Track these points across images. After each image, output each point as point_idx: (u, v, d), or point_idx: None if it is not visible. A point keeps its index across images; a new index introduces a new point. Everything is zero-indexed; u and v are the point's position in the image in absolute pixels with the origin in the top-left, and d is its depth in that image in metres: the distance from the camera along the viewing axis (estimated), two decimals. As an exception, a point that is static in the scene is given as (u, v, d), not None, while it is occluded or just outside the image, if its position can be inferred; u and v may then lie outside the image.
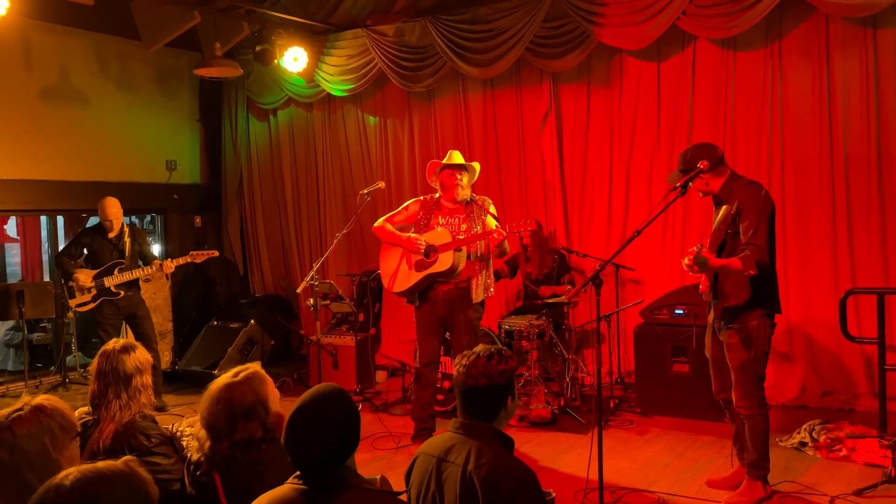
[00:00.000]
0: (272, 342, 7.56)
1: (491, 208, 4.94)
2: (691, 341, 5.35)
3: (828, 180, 5.69)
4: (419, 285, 4.93)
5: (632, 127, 6.47)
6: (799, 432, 4.90)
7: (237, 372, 2.54)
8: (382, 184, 5.62)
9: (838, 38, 5.60)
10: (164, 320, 7.87)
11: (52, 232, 8.79)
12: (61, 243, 8.34)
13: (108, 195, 6.28)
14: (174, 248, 8.28)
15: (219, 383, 2.51)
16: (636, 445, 5.04)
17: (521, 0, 6.50)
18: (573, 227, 6.82)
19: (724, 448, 4.51)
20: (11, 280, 8.95)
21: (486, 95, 7.16)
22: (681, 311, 5.56)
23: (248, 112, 8.70)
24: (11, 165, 7.02)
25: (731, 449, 4.24)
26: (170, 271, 6.20)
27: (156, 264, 6.17)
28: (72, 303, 6.11)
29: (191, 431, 3.50)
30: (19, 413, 1.99)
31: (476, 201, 4.96)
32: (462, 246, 4.82)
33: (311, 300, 5.31)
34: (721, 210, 3.96)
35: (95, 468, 1.54)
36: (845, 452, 4.62)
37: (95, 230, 6.30)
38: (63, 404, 2.11)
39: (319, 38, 7.68)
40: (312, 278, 5.16)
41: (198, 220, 8.79)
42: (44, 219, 8.94)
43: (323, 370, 6.31)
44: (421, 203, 5.07)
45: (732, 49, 5.95)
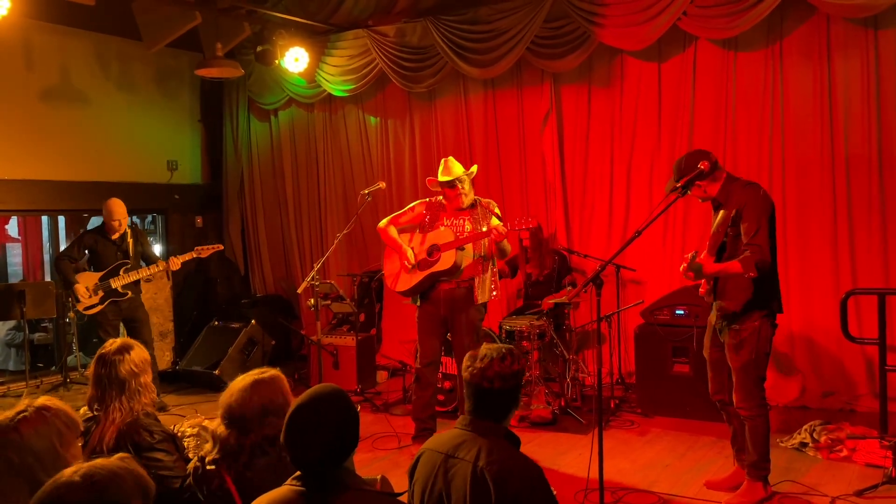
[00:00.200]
0: (273, 342, 7.56)
1: (496, 210, 4.95)
2: (692, 342, 5.35)
3: (829, 181, 5.69)
4: (422, 284, 4.94)
5: (633, 127, 6.47)
6: (799, 433, 4.90)
7: (262, 371, 2.57)
8: (383, 184, 5.63)
9: (839, 39, 5.59)
10: (164, 320, 7.88)
11: (54, 232, 8.79)
12: (62, 243, 8.36)
13: (109, 195, 6.30)
14: (175, 249, 8.28)
15: (247, 379, 2.52)
16: (637, 446, 5.04)
17: (522, 0, 6.50)
18: (574, 228, 6.82)
19: (725, 449, 4.50)
20: (13, 280, 8.95)
21: (487, 96, 7.16)
22: (681, 312, 5.56)
23: (249, 112, 8.71)
24: (13, 165, 7.03)
25: (731, 450, 4.24)
26: (176, 268, 6.22)
27: (161, 264, 6.18)
28: (79, 307, 6.10)
29: (191, 432, 3.49)
30: (24, 414, 2.01)
31: (481, 203, 4.97)
32: (464, 244, 4.83)
33: (312, 300, 5.32)
34: (720, 213, 3.96)
35: (98, 464, 1.58)
36: (846, 453, 4.62)
37: (98, 231, 6.31)
38: (64, 404, 2.12)
39: (320, 38, 7.69)
40: (313, 278, 5.17)
41: (199, 220, 8.81)
42: (45, 219, 8.95)
43: (323, 370, 6.32)
44: (427, 205, 5.08)
45: (733, 50, 5.95)
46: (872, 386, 5.41)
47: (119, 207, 6.17)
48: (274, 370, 2.62)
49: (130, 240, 6.26)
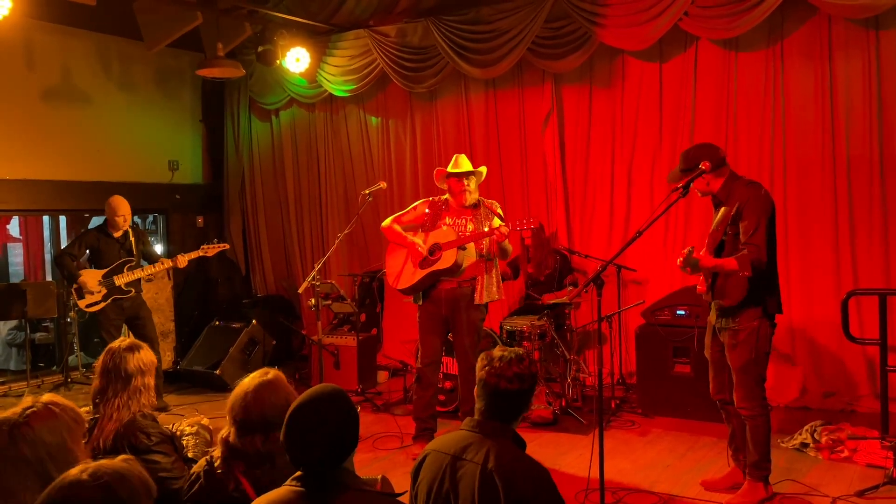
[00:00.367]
0: (274, 342, 7.57)
1: (498, 210, 4.96)
2: (693, 342, 5.35)
3: (830, 181, 5.69)
4: (423, 283, 4.94)
5: (634, 128, 6.47)
6: (800, 433, 4.90)
7: (265, 372, 2.55)
8: (384, 184, 5.63)
9: (840, 40, 5.59)
10: (166, 320, 7.88)
11: (55, 232, 8.81)
12: (63, 243, 8.36)
13: (110, 195, 6.27)
14: (176, 249, 8.27)
15: (253, 382, 2.49)
16: (637, 446, 5.04)
17: (523, 1, 6.50)
18: (575, 228, 6.82)
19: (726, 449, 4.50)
20: (14, 280, 8.96)
21: (488, 96, 7.16)
22: (682, 312, 5.56)
23: (250, 112, 8.72)
24: (14, 165, 7.04)
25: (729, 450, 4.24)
26: (183, 265, 6.22)
27: (167, 262, 6.19)
28: (81, 303, 6.10)
29: (190, 431, 3.50)
30: (32, 409, 2.01)
31: (484, 203, 4.98)
32: (465, 243, 4.83)
33: (313, 300, 5.32)
34: (720, 211, 3.96)
35: (104, 464, 1.59)
36: (847, 453, 4.61)
37: (100, 230, 6.30)
38: (68, 401, 2.13)
39: (321, 38, 7.69)
40: (314, 278, 5.17)
41: (200, 220, 8.81)
42: (46, 219, 8.96)
43: (324, 370, 6.32)
44: (429, 204, 5.08)
45: (734, 50, 5.95)
46: (873, 386, 5.41)
47: (122, 203, 6.17)
48: (275, 371, 2.61)
49: (132, 238, 6.27)
